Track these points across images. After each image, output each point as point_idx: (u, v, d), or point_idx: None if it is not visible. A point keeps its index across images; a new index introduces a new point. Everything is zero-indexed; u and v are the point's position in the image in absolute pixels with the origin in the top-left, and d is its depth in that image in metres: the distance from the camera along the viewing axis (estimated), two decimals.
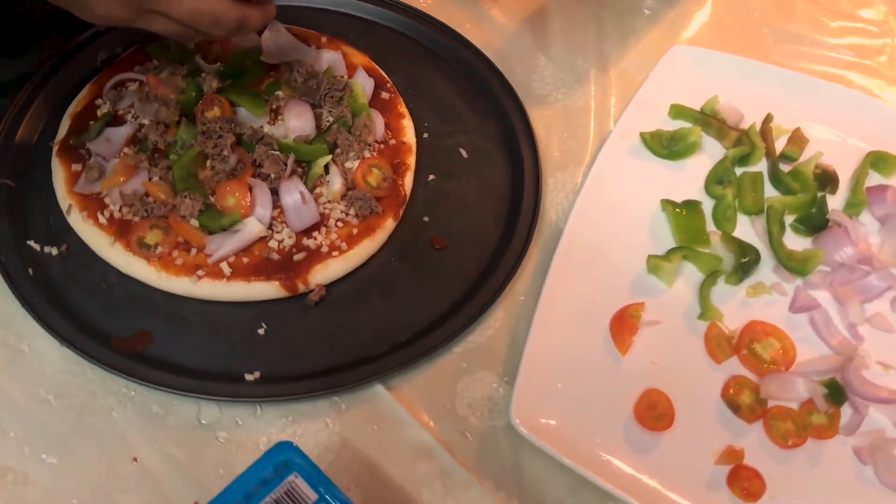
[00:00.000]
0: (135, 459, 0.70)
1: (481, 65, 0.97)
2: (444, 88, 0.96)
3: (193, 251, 0.78)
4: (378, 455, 0.72)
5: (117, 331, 0.75)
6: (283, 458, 0.60)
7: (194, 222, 0.79)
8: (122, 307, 0.77)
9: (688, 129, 0.91)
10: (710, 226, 0.86)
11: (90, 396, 0.73)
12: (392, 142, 0.88)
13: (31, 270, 0.78)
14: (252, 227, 0.79)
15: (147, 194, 0.80)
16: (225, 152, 0.82)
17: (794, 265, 0.83)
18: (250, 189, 0.80)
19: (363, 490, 0.69)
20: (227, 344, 0.76)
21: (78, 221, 0.80)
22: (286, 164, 0.82)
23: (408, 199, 0.85)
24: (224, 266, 0.77)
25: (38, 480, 0.68)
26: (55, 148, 0.84)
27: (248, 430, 0.72)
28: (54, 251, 0.79)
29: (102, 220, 0.79)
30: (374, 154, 0.86)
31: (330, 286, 0.80)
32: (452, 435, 0.73)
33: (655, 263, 0.82)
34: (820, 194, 0.88)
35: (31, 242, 0.79)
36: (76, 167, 0.83)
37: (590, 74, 0.99)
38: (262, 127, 0.86)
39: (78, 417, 0.72)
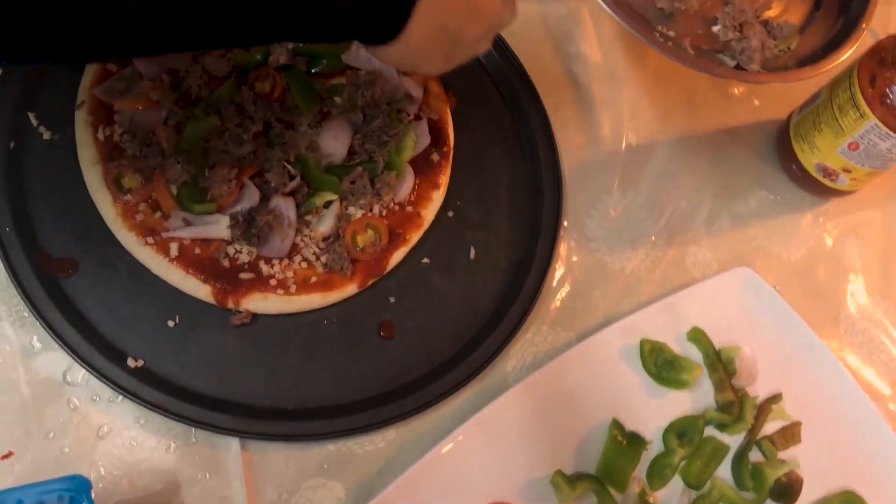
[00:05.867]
0: None
1: (551, 173, 0.89)
2: (500, 172, 0.88)
3: (158, 214, 0.76)
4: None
5: (49, 246, 0.75)
6: (74, 492, 0.60)
7: (174, 189, 0.77)
8: (68, 225, 0.76)
9: (689, 363, 0.84)
10: (642, 470, 0.81)
11: None
12: (408, 209, 0.83)
13: (11, 144, 0.76)
14: (220, 226, 0.76)
15: (153, 133, 0.77)
16: (245, 136, 0.78)
17: None
18: (241, 187, 0.77)
19: None
20: (135, 315, 0.75)
21: (81, 121, 0.78)
22: (291, 179, 0.79)
23: (385, 272, 0.81)
24: (173, 246, 0.75)
25: None
26: None
27: (98, 411, 0.72)
28: (46, 134, 0.78)
29: (101, 135, 0.77)
30: (382, 214, 0.82)
31: (258, 316, 0.77)
32: None
33: (559, 482, 0.77)
34: None
35: (31, 114, 0.78)
36: (112, 68, 0.80)
37: (647, 243, 0.90)
38: (301, 126, 0.81)
39: None
